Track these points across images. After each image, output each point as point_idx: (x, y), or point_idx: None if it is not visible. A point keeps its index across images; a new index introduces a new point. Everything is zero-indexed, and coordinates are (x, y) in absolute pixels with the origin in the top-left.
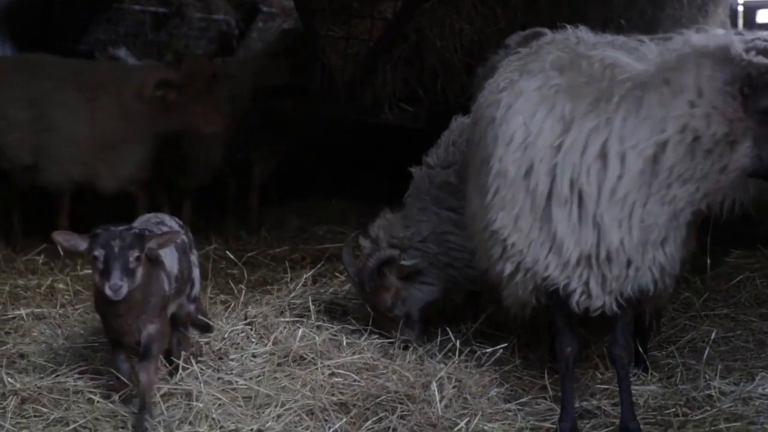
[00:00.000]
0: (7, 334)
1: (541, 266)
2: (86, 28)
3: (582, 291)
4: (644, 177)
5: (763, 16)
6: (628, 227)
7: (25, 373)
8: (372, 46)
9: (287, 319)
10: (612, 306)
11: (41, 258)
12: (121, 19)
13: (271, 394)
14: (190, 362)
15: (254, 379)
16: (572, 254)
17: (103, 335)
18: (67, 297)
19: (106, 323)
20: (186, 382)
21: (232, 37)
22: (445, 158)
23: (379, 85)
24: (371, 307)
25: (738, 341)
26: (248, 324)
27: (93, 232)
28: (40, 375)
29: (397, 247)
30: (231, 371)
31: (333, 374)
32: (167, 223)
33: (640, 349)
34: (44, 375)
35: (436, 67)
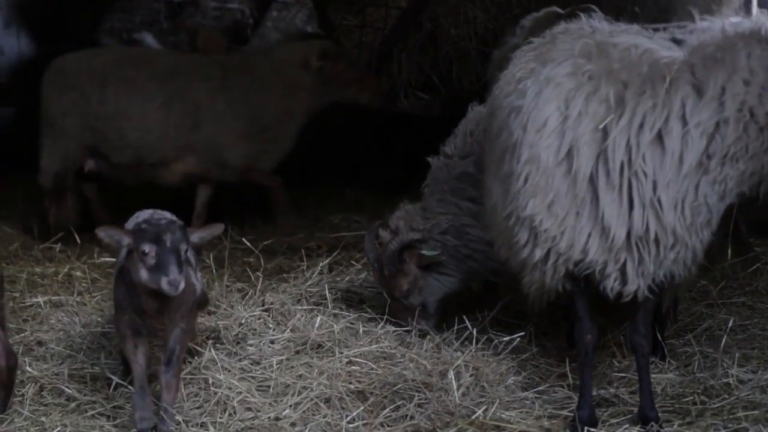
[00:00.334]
0: (25, 321)
1: (577, 250)
2: (101, 18)
3: (618, 275)
4: (702, 157)
5: None
6: (682, 208)
7: (43, 360)
8: (386, 34)
9: (304, 307)
10: (644, 291)
11: (58, 246)
12: (136, 9)
13: (288, 383)
14: (209, 349)
15: (272, 368)
16: (619, 237)
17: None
18: (84, 285)
19: (138, 320)
20: (205, 370)
21: (247, 26)
22: (463, 148)
23: (395, 74)
24: (388, 293)
25: (755, 329)
26: (265, 311)
27: (137, 227)
28: (58, 362)
29: (419, 243)
30: (249, 357)
31: (350, 362)
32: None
33: (658, 337)
34: (62, 362)
35: (450, 55)
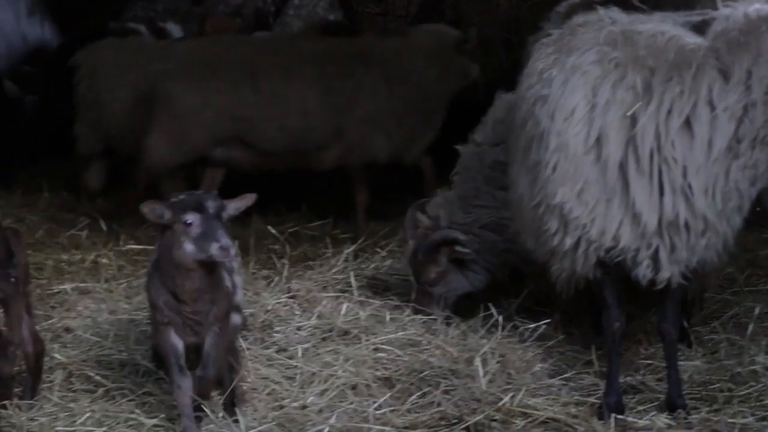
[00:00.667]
0: (53, 308)
1: (608, 238)
2: (124, 6)
3: (650, 262)
4: (732, 141)
5: None
6: (713, 194)
7: (71, 346)
8: (409, 22)
9: (330, 294)
10: (677, 278)
11: (85, 233)
12: None
13: (315, 370)
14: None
15: (298, 356)
16: (650, 224)
17: (147, 310)
18: (111, 272)
19: (176, 318)
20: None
21: (269, 14)
22: (493, 136)
23: None
24: (414, 276)
25: None
26: (291, 297)
27: (174, 200)
28: (85, 348)
29: (455, 238)
30: (275, 344)
31: (377, 350)
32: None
33: (685, 325)
34: (90, 348)
35: None
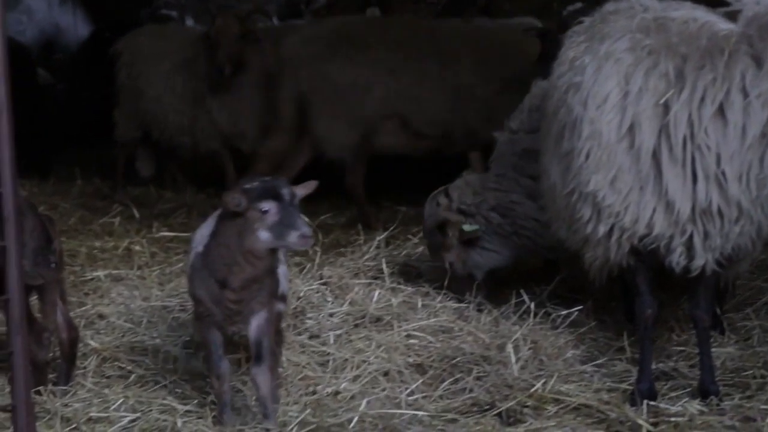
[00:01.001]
0: (86, 295)
1: (642, 225)
2: None
3: (684, 249)
4: (766, 127)
5: None
6: (747, 181)
7: (104, 333)
8: (440, 9)
9: (362, 281)
10: (712, 265)
11: (117, 220)
12: None
13: (347, 357)
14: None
15: (330, 342)
16: (684, 211)
17: (180, 297)
18: (143, 259)
19: (217, 311)
20: None
21: (300, 1)
22: (529, 123)
23: None
24: (433, 261)
25: None
26: (324, 284)
27: (248, 186)
28: (119, 335)
29: (464, 213)
30: (307, 330)
31: (409, 336)
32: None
33: (717, 311)
34: (123, 335)
35: None
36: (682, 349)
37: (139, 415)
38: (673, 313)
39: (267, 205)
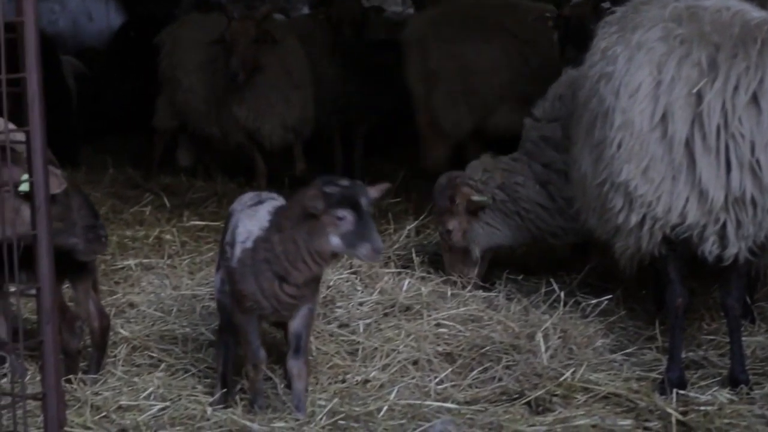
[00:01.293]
0: (117, 284)
1: (675, 215)
2: None
3: (717, 238)
4: None
5: None
6: None
7: (134, 321)
8: None
9: (392, 270)
10: (745, 253)
11: (148, 209)
12: None
13: (376, 345)
14: None
15: (360, 331)
16: (717, 200)
17: (209, 286)
18: (174, 248)
19: (268, 298)
20: None
21: None
22: (552, 112)
23: None
24: (439, 230)
25: None
26: (353, 273)
27: (328, 191)
28: (149, 324)
29: (471, 188)
30: (337, 319)
31: (438, 325)
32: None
33: (748, 300)
34: (153, 324)
35: None
36: (712, 337)
37: (168, 403)
38: (704, 301)
39: (344, 213)
